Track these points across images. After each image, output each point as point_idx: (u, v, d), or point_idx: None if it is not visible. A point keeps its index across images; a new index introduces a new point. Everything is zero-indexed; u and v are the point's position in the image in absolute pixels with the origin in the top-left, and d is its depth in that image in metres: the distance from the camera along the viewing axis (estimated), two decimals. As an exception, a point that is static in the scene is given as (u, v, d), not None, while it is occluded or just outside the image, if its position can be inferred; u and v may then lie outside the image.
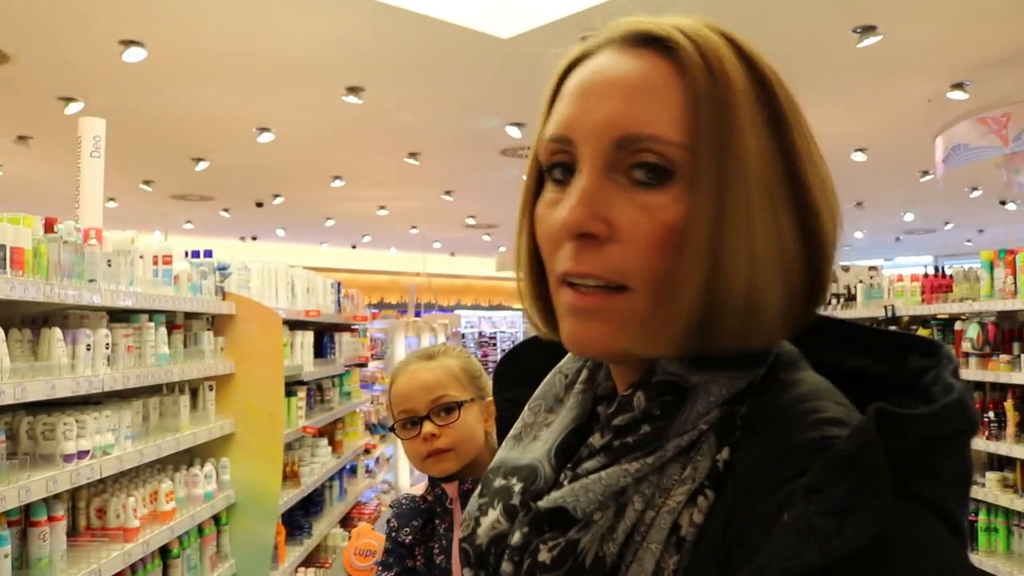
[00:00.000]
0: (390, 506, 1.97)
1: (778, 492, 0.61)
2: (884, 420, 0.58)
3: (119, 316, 3.42)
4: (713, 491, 0.68)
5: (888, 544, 0.58)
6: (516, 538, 0.74)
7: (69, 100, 7.89)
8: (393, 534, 1.86)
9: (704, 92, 0.69)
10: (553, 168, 0.75)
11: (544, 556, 0.70)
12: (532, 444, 0.83)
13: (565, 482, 0.73)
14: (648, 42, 0.73)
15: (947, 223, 16.97)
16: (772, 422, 0.68)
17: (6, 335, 2.63)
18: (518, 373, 0.95)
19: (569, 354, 0.87)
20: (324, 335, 6.37)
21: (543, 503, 0.73)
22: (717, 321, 0.68)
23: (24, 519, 2.71)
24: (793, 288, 0.71)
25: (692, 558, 0.66)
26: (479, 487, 0.83)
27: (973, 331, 5.14)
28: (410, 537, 1.84)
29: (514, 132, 9.21)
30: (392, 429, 1.88)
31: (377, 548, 1.94)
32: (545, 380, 0.88)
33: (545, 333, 0.83)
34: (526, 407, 0.87)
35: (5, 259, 2.54)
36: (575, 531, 0.70)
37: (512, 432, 0.86)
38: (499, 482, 0.80)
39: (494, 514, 0.78)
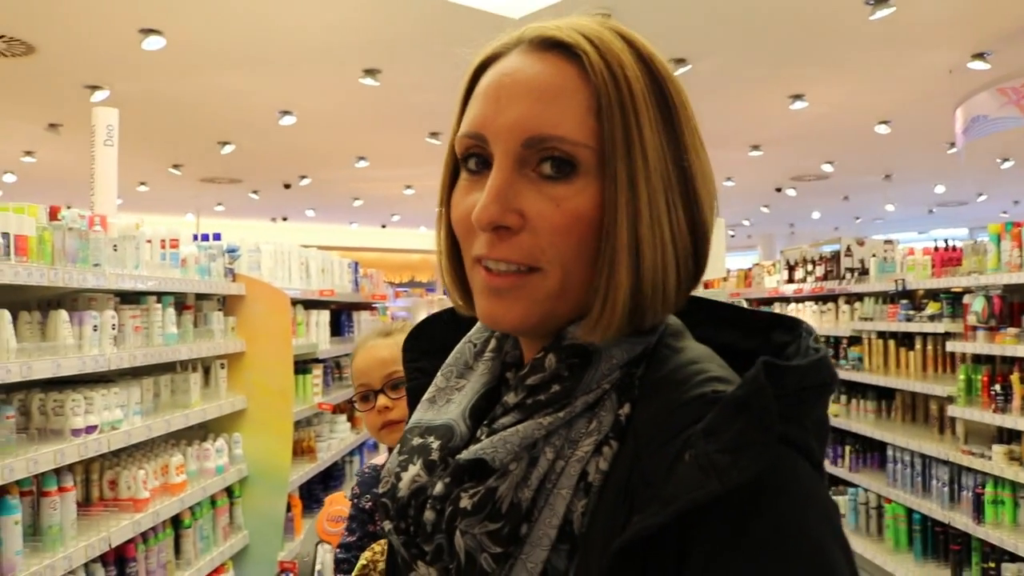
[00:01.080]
0: (355, 475, 2.08)
1: (677, 438, 0.71)
2: (769, 371, 0.69)
3: (130, 299, 3.57)
4: (617, 441, 0.78)
5: (769, 476, 0.68)
6: (438, 488, 0.82)
7: (95, 88, 8.08)
8: (356, 501, 1.98)
9: (608, 95, 0.77)
10: (468, 159, 0.84)
11: (465, 503, 0.78)
12: (446, 406, 0.91)
13: (483, 437, 0.82)
14: (555, 46, 0.81)
15: (980, 195, 16.73)
16: (666, 381, 0.78)
17: (16, 318, 2.79)
18: (425, 345, 1.04)
19: (477, 325, 0.96)
20: (342, 314, 6.51)
21: (463, 456, 0.81)
22: (641, 300, 0.78)
23: (37, 490, 2.87)
24: (686, 270, 0.81)
25: (599, 501, 0.76)
26: (398, 446, 0.91)
27: (979, 304, 5.13)
28: (370, 504, 1.96)
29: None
30: (352, 401, 2.00)
31: (347, 515, 2.06)
32: (456, 349, 0.97)
33: (462, 308, 0.92)
34: (439, 373, 0.96)
35: (9, 247, 2.69)
36: (493, 480, 0.78)
37: (426, 396, 0.95)
38: (417, 440, 0.88)
39: (414, 469, 0.85)
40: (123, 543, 3.20)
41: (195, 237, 4.25)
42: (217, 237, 4.38)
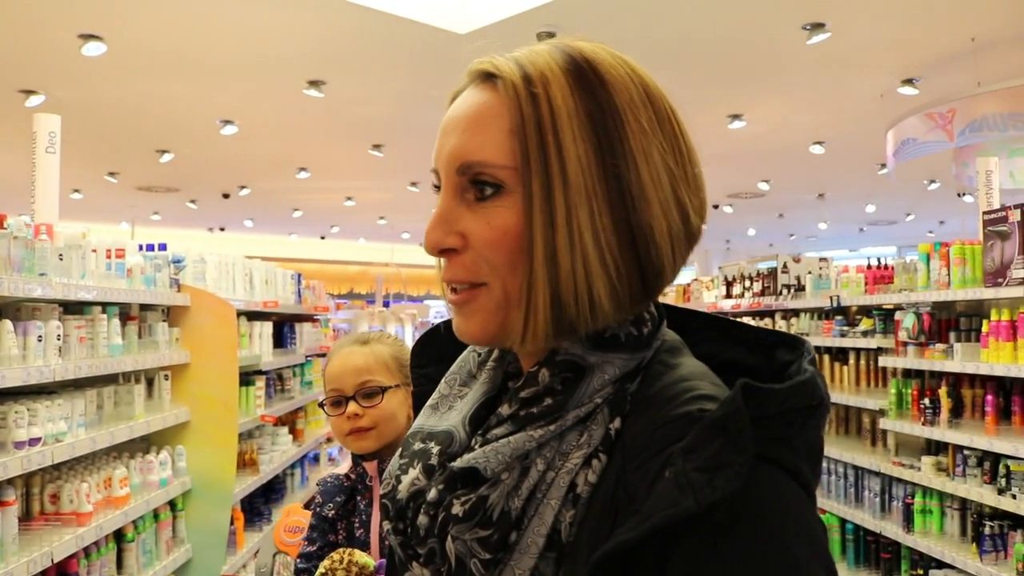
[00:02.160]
0: (316, 484, 2.10)
1: (661, 455, 0.75)
2: (748, 393, 0.72)
3: (74, 308, 3.51)
4: (606, 455, 0.81)
5: (750, 494, 0.71)
6: (432, 494, 0.85)
7: (30, 93, 7.90)
8: (318, 509, 2.00)
9: (526, 117, 0.81)
10: (437, 190, 0.90)
11: (457, 509, 0.82)
12: (448, 413, 0.95)
13: (476, 446, 0.85)
14: (486, 77, 0.86)
15: (908, 215, 17.28)
16: (656, 398, 0.81)
17: (-42, 327, 2.73)
18: (433, 352, 1.08)
19: None
20: (284, 326, 6.47)
21: (457, 464, 0.84)
22: (564, 308, 0.81)
23: (-24, 504, 2.81)
24: (618, 276, 0.82)
25: (587, 512, 0.79)
26: (400, 450, 0.95)
27: (909, 321, 5.32)
28: (333, 512, 1.98)
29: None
30: (322, 405, 2.02)
31: (305, 525, 2.07)
32: (460, 357, 1.01)
33: None
34: (443, 380, 1.00)
35: (-45, 253, 2.64)
36: (485, 488, 0.81)
37: (429, 402, 0.99)
38: (418, 445, 0.92)
39: (414, 472, 0.89)
40: (65, 558, 3.15)
41: (140, 247, 4.20)
42: (163, 247, 4.33)
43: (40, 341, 3.10)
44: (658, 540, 0.71)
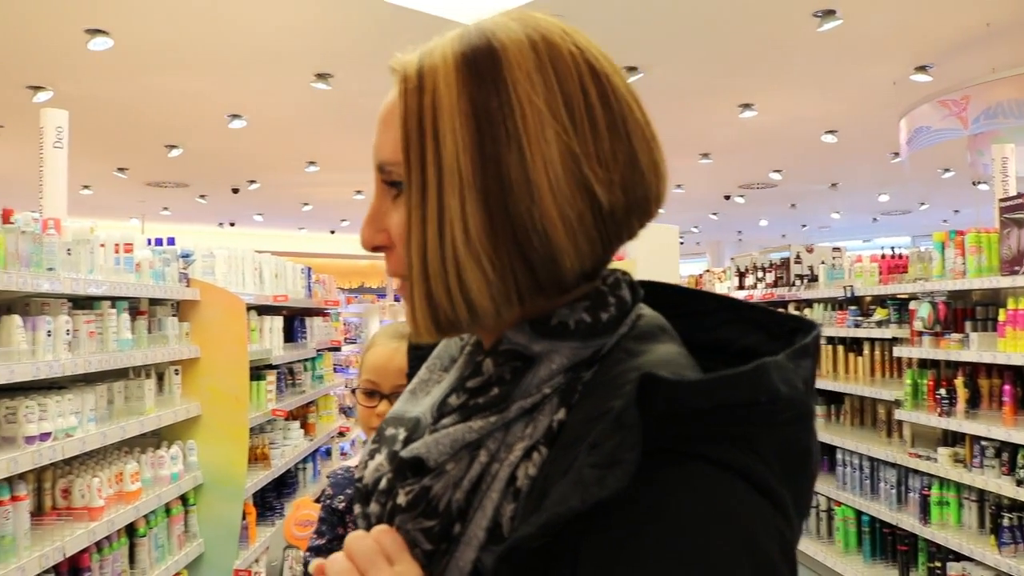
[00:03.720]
0: (327, 476, 2.07)
1: (580, 447, 0.71)
2: (652, 386, 0.68)
3: (82, 303, 3.50)
4: (546, 447, 0.77)
5: (676, 493, 0.67)
6: (383, 483, 0.84)
7: (38, 89, 7.91)
8: (328, 502, 1.97)
9: (408, 111, 0.80)
10: None
11: (401, 499, 0.80)
12: (424, 399, 0.92)
13: (427, 435, 0.83)
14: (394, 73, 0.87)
15: (922, 204, 17.16)
16: (599, 388, 0.77)
17: (-34, 322, 2.71)
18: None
19: None
20: (295, 320, 6.45)
21: (404, 452, 0.82)
22: (440, 305, 0.79)
23: (-13, 500, 2.80)
24: (494, 270, 0.78)
25: (524, 507, 0.76)
26: (375, 433, 0.93)
27: (924, 311, 5.27)
28: (343, 504, 1.95)
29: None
30: (354, 391, 2.00)
31: (315, 519, 2.04)
32: (443, 342, 0.98)
33: None
34: (423, 365, 0.98)
35: (-38, 248, 2.62)
36: (428, 478, 0.79)
37: (409, 387, 0.97)
38: (389, 431, 0.90)
39: (380, 458, 0.87)
40: (77, 552, 3.13)
41: (148, 242, 4.18)
42: (171, 242, 4.32)
43: (49, 336, 3.08)
44: (572, 534, 0.68)
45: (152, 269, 3.97)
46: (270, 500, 5.56)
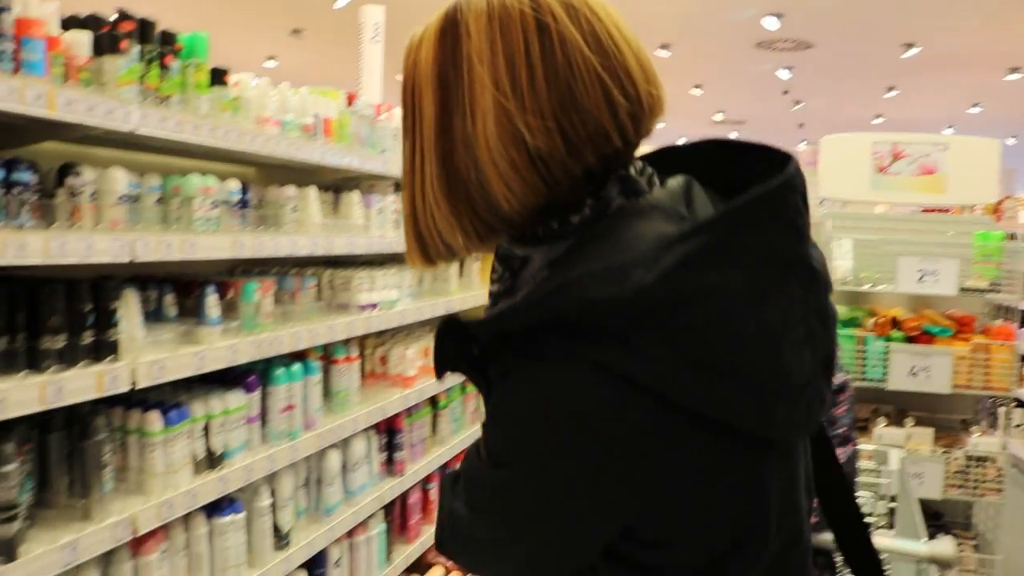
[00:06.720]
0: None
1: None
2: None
3: (399, 187, 3.73)
4: None
5: (512, 371, 0.93)
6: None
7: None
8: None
9: (405, 79, 1.00)
10: None
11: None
12: None
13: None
14: None
15: None
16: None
17: (310, 197, 2.98)
18: None
19: None
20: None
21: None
22: (428, 244, 1.02)
23: (326, 357, 3.11)
24: (454, 215, 0.97)
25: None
26: None
27: None
28: None
29: (770, 23, 8.85)
30: None
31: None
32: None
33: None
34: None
35: (318, 127, 2.87)
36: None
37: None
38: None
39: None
40: (393, 415, 3.43)
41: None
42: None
43: (380, 214, 3.34)
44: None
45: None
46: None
